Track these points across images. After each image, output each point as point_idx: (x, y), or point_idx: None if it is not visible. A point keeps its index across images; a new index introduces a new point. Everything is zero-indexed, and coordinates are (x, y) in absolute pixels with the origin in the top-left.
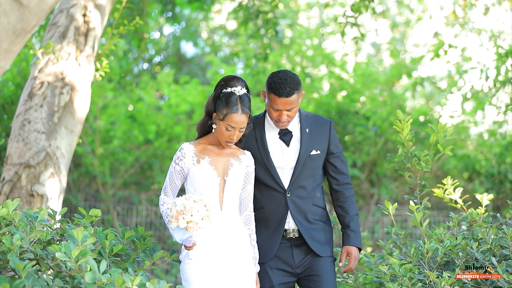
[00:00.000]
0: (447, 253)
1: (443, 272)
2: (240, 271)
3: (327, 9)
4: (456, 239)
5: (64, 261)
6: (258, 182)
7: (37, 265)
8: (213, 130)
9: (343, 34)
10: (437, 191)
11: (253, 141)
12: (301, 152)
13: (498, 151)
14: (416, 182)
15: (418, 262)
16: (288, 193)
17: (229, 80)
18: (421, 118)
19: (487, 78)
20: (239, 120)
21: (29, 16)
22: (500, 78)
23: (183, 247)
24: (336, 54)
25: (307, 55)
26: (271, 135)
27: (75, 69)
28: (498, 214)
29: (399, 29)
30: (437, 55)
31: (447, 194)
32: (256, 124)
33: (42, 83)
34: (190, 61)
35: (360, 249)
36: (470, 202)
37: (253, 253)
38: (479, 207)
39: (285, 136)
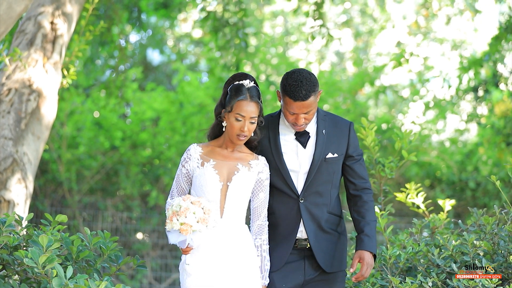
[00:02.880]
0: (410, 259)
1: (406, 277)
2: (241, 282)
3: (292, 18)
4: (419, 245)
5: (31, 266)
6: (269, 185)
7: (4, 271)
8: (223, 129)
9: (312, 38)
10: (400, 196)
11: (265, 141)
12: (315, 155)
13: (459, 159)
14: (380, 188)
15: (381, 267)
16: (301, 199)
17: (237, 76)
18: (384, 126)
19: (449, 87)
20: (248, 108)
21: None
22: (462, 87)
23: (182, 256)
24: (300, 62)
25: (272, 63)
26: (286, 136)
27: (43, 76)
28: (459, 220)
29: (362, 38)
30: (399, 64)
31: (410, 199)
32: (270, 123)
33: (9, 89)
34: (156, 69)
35: (375, 256)
36: (432, 208)
37: (263, 265)
38: (441, 213)
39: (302, 137)
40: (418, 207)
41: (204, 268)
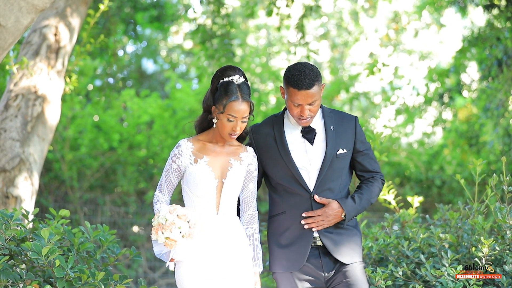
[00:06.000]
0: (381, 250)
1: (377, 267)
2: (236, 275)
3: (274, 31)
4: (390, 238)
5: (36, 258)
6: (278, 184)
7: (12, 260)
8: (214, 126)
9: (294, 53)
10: None
11: (271, 141)
12: (327, 152)
13: (426, 159)
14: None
15: None
16: (313, 196)
17: (225, 70)
18: None
19: (418, 94)
20: (240, 108)
21: (6, 35)
22: (429, 94)
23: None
24: (282, 71)
25: (256, 72)
26: (292, 134)
27: (47, 83)
28: (427, 215)
29: (338, 49)
30: (372, 73)
31: (382, 195)
32: (275, 123)
33: (17, 95)
34: (150, 77)
35: (344, 219)
36: (402, 204)
37: (255, 253)
38: (410, 208)
39: (308, 134)
40: (389, 203)
41: (201, 263)
